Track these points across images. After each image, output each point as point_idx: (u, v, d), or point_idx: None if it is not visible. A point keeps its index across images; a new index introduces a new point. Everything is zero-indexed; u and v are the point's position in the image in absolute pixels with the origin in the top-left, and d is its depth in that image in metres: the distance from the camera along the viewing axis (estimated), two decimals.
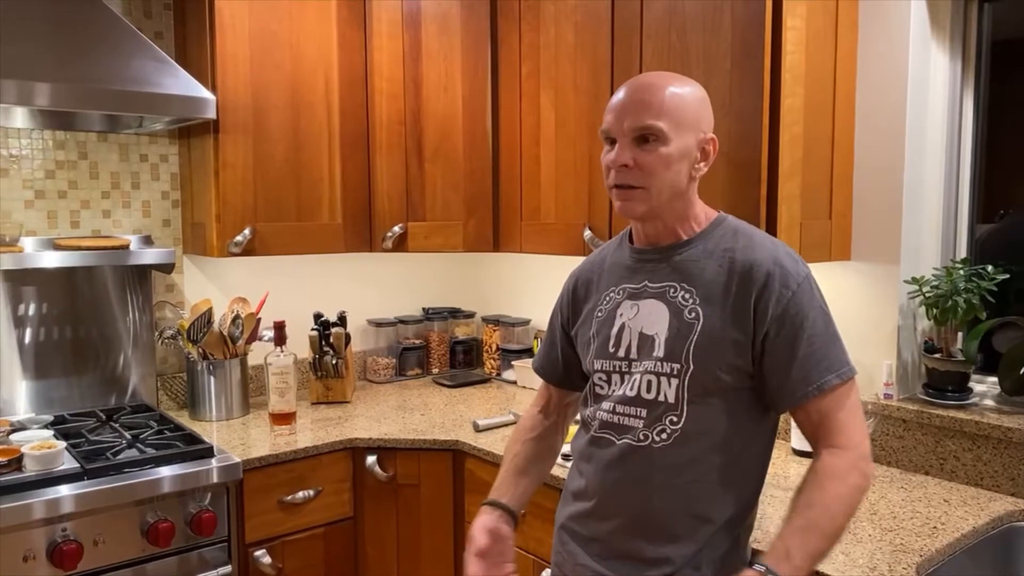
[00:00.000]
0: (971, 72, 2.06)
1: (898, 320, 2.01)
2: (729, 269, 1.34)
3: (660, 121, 1.33)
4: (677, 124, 1.33)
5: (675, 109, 1.33)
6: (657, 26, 2.06)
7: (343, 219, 2.58)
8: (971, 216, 2.10)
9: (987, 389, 2.02)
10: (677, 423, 1.33)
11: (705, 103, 1.38)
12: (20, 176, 2.33)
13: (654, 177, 1.34)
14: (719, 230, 1.40)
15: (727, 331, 1.31)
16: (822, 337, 1.30)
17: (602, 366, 1.44)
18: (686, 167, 1.36)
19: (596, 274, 1.53)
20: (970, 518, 1.67)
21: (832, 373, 1.29)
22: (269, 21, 2.38)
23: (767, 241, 1.37)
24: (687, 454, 1.33)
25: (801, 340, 1.29)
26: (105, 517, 1.86)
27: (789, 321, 1.29)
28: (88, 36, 2.09)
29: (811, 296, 1.32)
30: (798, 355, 1.29)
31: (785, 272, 1.31)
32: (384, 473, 2.27)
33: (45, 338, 2.33)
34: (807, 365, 1.29)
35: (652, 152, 1.33)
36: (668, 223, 1.40)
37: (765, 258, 1.32)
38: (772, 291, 1.30)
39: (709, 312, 1.33)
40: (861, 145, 2.05)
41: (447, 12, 2.58)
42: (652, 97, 1.34)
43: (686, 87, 1.36)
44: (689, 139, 1.34)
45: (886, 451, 2.01)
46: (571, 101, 2.33)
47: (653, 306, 1.39)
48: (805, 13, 1.86)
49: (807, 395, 1.29)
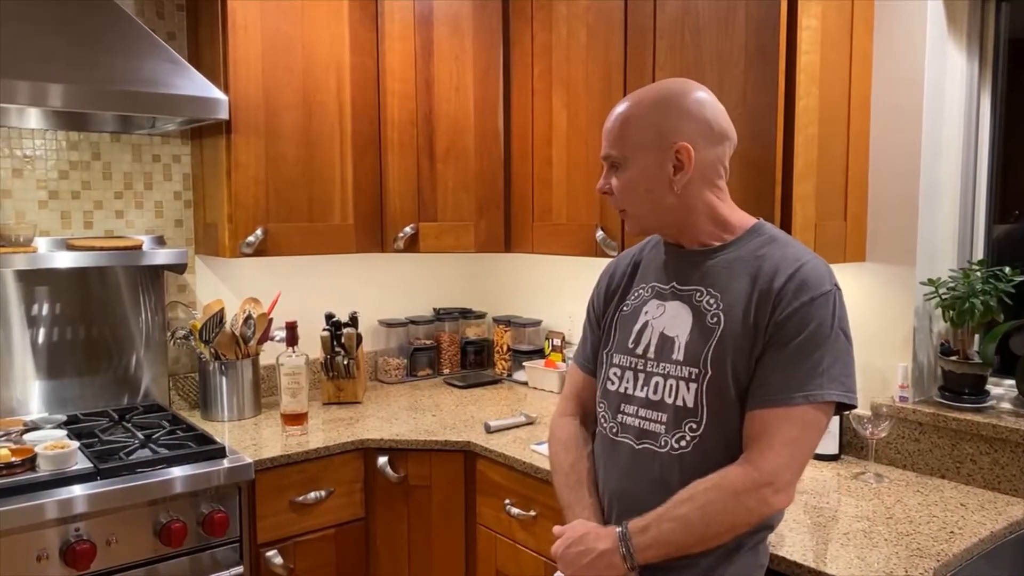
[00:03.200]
0: (988, 72, 2.04)
1: (914, 322, 1.99)
2: (755, 277, 1.32)
3: (615, 149, 1.38)
4: (633, 149, 1.36)
5: (629, 134, 1.36)
6: (671, 26, 2.05)
7: (355, 219, 2.58)
8: (988, 217, 2.07)
9: (1004, 392, 2.00)
10: (697, 430, 1.32)
11: (668, 114, 1.35)
12: (34, 177, 2.34)
13: (628, 202, 1.39)
14: (754, 238, 1.38)
15: (745, 339, 1.29)
16: (818, 352, 1.25)
17: (619, 360, 1.44)
18: (660, 185, 1.35)
19: (630, 268, 1.54)
20: (987, 522, 1.65)
21: (800, 392, 1.25)
22: (281, 22, 2.38)
23: (799, 252, 1.34)
24: (707, 461, 1.31)
25: (790, 348, 1.26)
26: (118, 517, 1.86)
27: (790, 328, 1.26)
28: (101, 37, 2.09)
29: (824, 311, 1.28)
30: (780, 362, 1.26)
31: (804, 284, 1.28)
32: (395, 474, 2.27)
33: (58, 338, 2.34)
34: (781, 374, 1.26)
35: (620, 179, 1.39)
36: (688, 233, 1.40)
37: (788, 268, 1.30)
38: (785, 301, 1.27)
39: (730, 319, 1.31)
40: (876, 145, 2.03)
41: (459, 12, 2.58)
42: (612, 124, 1.39)
43: (643, 106, 1.37)
44: (649, 159, 1.35)
45: (902, 454, 1.99)
46: (583, 101, 2.32)
47: (678, 308, 1.39)
48: (820, 13, 1.85)
49: (763, 402, 1.26)
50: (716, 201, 1.39)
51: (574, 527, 1.39)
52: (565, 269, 2.92)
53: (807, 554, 1.50)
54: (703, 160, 1.35)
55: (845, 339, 1.29)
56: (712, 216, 1.39)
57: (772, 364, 1.27)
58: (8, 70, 1.86)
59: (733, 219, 1.40)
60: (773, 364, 1.27)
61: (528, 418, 2.39)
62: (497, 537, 2.18)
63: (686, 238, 1.41)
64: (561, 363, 2.81)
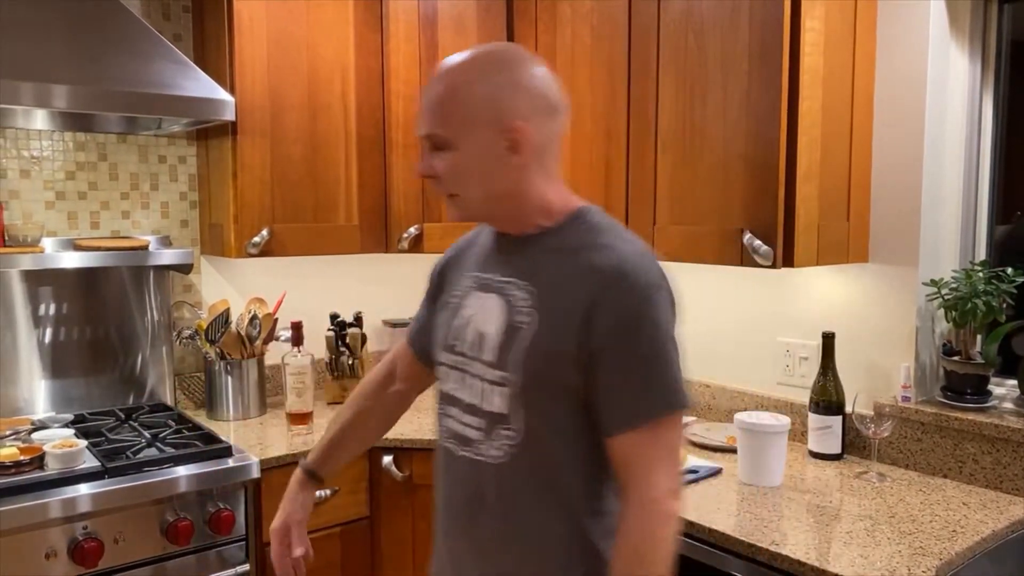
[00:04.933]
0: (990, 73, 2.05)
1: (916, 322, 2.00)
2: (573, 270, 1.18)
3: (440, 128, 1.20)
4: (461, 126, 1.18)
5: (456, 110, 1.19)
6: (674, 28, 2.06)
7: (359, 220, 2.59)
8: (990, 218, 2.08)
9: (1006, 392, 2.01)
10: (515, 439, 1.19)
11: (501, 86, 1.18)
12: (41, 177, 2.35)
13: (458, 186, 1.22)
14: (576, 225, 1.24)
15: (564, 343, 1.15)
16: (653, 362, 1.14)
17: (443, 359, 1.32)
18: (493, 167, 1.20)
19: (463, 255, 1.39)
20: (990, 521, 1.66)
21: (656, 407, 1.14)
22: (287, 23, 2.39)
23: (623, 242, 1.20)
24: (527, 472, 1.20)
25: (629, 362, 1.14)
26: (125, 515, 1.87)
27: (622, 336, 1.13)
28: (107, 38, 2.10)
29: (654, 310, 1.14)
30: (620, 380, 1.14)
31: (630, 279, 1.14)
32: (400, 473, 2.28)
33: (65, 338, 2.35)
34: (626, 394, 1.14)
35: (446, 160, 1.21)
36: (515, 219, 1.26)
37: (612, 261, 1.16)
38: (615, 298, 1.13)
39: (543, 317, 1.18)
40: (879, 147, 2.04)
41: (463, 14, 2.59)
42: (434, 98, 1.20)
43: (471, 77, 1.19)
44: (481, 138, 1.18)
45: (904, 454, 2.00)
46: (587, 103, 2.33)
47: (493, 303, 1.25)
48: (823, 15, 1.86)
49: (623, 426, 1.15)
50: (545, 184, 1.24)
51: None
52: None
53: (810, 552, 1.51)
54: (539, 138, 1.20)
55: (674, 340, 1.17)
56: (540, 200, 1.24)
57: (617, 380, 1.14)
58: (13, 71, 1.87)
59: (556, 203, 1.25)
60: (618, 380, 1.14)
61: None
62: None
63: (512, 224, 1.27)
64: None
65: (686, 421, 1.25)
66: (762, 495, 1.82)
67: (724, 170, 1.96)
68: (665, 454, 1.15)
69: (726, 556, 1.62)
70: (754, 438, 1.87)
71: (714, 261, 2.00)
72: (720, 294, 2.42)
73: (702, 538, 1.66)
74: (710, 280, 2.44)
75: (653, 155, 2.13)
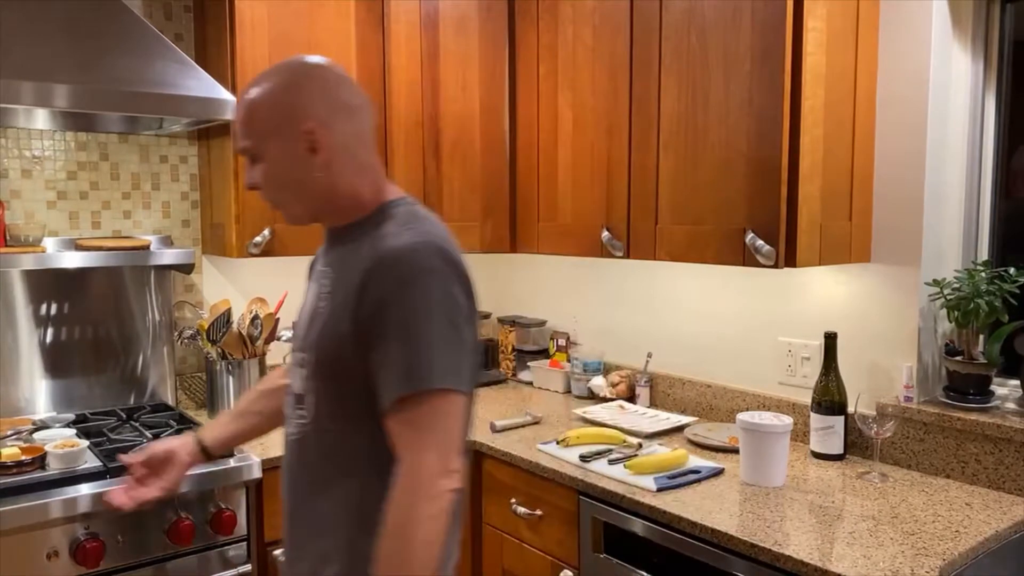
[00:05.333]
0: (993, 73, 2.05)
1: (919, 322, 2.00)
2: (356, 258, 1.24)
3: (248, 140, 1.28)
4: (264, 137, 1.26)
5: (257, 122, 1.27)
6: (676, 27, 2.06)
7: None
8: (992, 218, 2.08)
9: (1009, 392, 2.01)
10: (306, 418, 1.30)
11: (292, 94, 1.26)
12: (43, 177, 2.35)
13: (276, 194, 1.31)
14: (378, 217, 1.30)
15: (344, 324, 1.22)
16: (410, 343, 1.16)
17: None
18: (300, 171, 1.27)
19: (319, 252, 1.46)
20: (992, 522, 1.66)
21: (408, 389, 1.16)
22: (288, 23, 2.39)
23: (408, 231, 1.24)
24: (312, 452, 1.29)
25: (388, 344, 1.17)
26: (127, 516, 1.86)
27: (386, 318, 1.17)
28: (108, 38, 2.10)
29: (414, 292, 1.17)
30: (381, 359, 1.18)
31: (402, 260, 1.18)
32: None
33: (66, 337, 2.35)
34: (387, 373, 1.17)
35: (260, 171, 1.29)
36: (336, 215, 1.33)
37: (384, 248, 1.21)
38: (380, 281, 1.18)
39: (333, 303, 1.25)
40: (882, 147, 2.04)
41: (465, 13, 2.59)
42: (239, 114, 1.29)
43: (265, 90, 1.27)
44: (282, 146, 1.26)
45: (907, 454, 2.00)
46: (589, 102, 2.33)
47: (312, 293, 1.36)
48: (826, 14, 1.86)
49: (386, 409, 1.18)
50: (357, 178, 1.30)
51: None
52: (570, 269, 2.93)
53: (812, 553, 1.51)
54: (340, 136, 1.27)
55: (448, 323, 1.19)
56: (352, 195, 1.31)
57: (379, 362, 1.18)
58: (15, 71, 1.87)
59: (367, 197, 1.31)
60: (380, 362, 1.18)
61: (534, 418, 2.40)
62: (503, 536, 2.19)
63: (334, 219, 1.34)
64: (566, 363, 2.82)
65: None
66: (764, 495, 1.81)
67: (726, 170, 1.96)
68: (431, 434, 1.16)
69: (728, 556, 1.62)
70: (756, 438, 1.87)
71: (716, 261, 2.00)
72: (722, 294, 2.42)
73: (704, 538, 1.66)
74: (712, 280, 2.44)
75: (655, 155, 2.13)
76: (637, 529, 1.81)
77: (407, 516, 1.14)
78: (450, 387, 1.17)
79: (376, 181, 1.34)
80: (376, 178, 1.34)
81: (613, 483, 1.89)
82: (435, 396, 1.16)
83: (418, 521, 1.14)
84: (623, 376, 2.62)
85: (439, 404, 1.17)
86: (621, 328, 2.74)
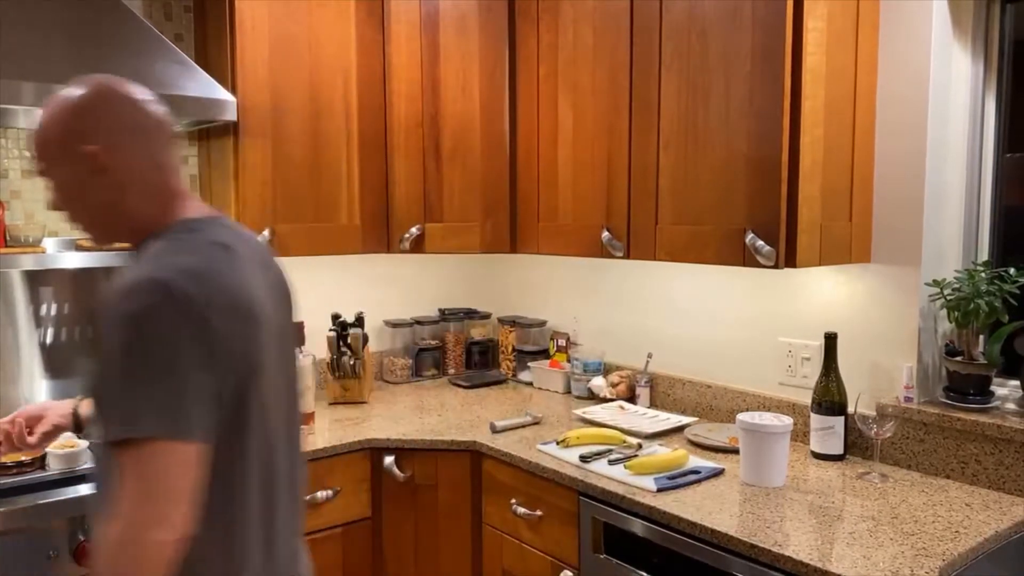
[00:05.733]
0: (993, 73, 2.05)
1: (919, 323, 2.00)
2: None
3: (40, 164, 1.27)
4: (50, 161, 1.25)
5: (43, 146, 1.25)
6: (677, 27, 2.06)
7: (361, 220, 2.59)
8: (993, 218, 2.08)
9: (1009, 392, 2.01)
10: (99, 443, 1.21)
11: (74, 117, 1.23)
12: None
13: (70, 213, 1.28)
14: (154, 241, 1.24)
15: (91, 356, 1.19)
16: (111, 388, 1.11)
17: None
18: (86, 194, 1.24)
19: None
20: (992, 522, 1.66)
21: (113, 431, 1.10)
22: (288, 23, 2.39)
23: (158, 262, 1.17)
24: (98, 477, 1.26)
25: (103, 383, 1.13)
26: None
27: (102, 353, 1.12)
28: (108, 38, 2.10)
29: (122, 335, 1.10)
30: (102, 394, 1.14)
31: (112, 301, 1.13)
32: (402, 473, 2.28)
33: (66, 338, 2.35)
34: (103, 416, 1.13)
35: (56, 195, 1.27)
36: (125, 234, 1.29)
37: (119, 283, 1.15)
38: (101, 320, 1.13)
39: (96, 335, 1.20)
40: (882, 147, 2.04)
41: (465, 14, 2.59)
42: (32, 142, 1.27)
43: (49, 113, 1.25)
44: (65, 169, 1.24)
45: (906, 454, 1.99)
46: (589, 103, 2.33)
47: None
48: (826, 14, 1.86)
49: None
50: (147, 200, 1.27)
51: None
52: (570, 270, 2.93)
53: (812, 553, 1.51)
54: (126, 157, 1.24)
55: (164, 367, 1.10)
56: (141, 216, 1.27)
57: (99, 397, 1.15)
58: (15, 71, 1.87)
59: (157, 218, 1.27)
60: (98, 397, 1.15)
61: (534, 418, 2.41)
62: (503, 537, 2.19)
63: (129, 241, 1.30)
64: (566, 363, 2.82)
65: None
66: (764, 496, 1.81)
67: (726, 170, 1.96)
68: (140, 482, 1.09)
69: (728, 557, 1.62)
70: (756, 439, 1.87)
71: (716, 261, 2.00)
72: (722, 294, 2.42)
73: (704, 539, 1.66)
74: (712, 280, 2.44)
75: (655, 155, 2.13)
76: (637, 529, 1.81)
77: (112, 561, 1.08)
78: (158, 435, 1.09)
79: (169, 203, 1.28)
80: (169, 199, 1.28)
81: (613, 483, 1.89)
82: (142, 444, 1.09)
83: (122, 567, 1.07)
84: (623, 376, 2.62)
85: (146, 452, 1.09)
86: (621, 328, 2.74)
